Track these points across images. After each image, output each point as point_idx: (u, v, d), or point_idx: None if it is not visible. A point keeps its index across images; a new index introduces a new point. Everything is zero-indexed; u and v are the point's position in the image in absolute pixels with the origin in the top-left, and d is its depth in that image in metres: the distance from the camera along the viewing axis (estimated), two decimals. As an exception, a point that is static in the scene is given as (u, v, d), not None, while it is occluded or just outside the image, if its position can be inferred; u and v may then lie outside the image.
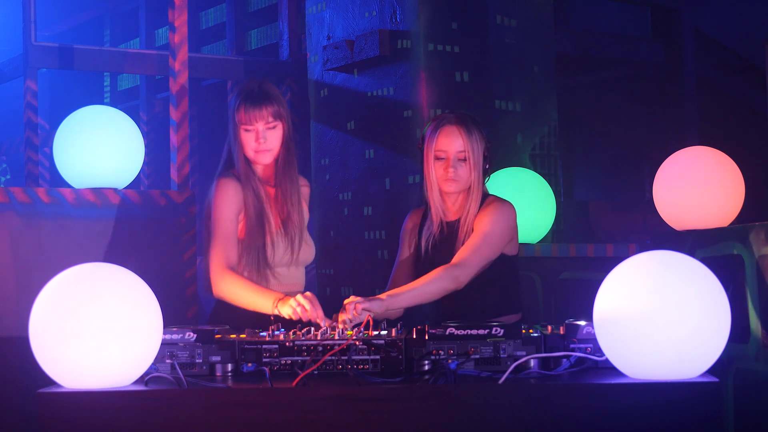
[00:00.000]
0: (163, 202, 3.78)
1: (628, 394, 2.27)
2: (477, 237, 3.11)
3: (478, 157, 3.14)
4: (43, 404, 2.26)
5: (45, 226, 3.52)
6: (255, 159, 3.12)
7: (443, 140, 3.13)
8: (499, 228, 3.13)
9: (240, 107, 3.08)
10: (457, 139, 3.12)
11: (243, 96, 3.09)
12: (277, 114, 3.09)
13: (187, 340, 2.51)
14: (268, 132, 3.09)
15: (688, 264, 2.32)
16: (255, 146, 3.09)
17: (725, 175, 3.37)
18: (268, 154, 3.11)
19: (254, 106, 3.07)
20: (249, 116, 3.07)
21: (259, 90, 3.10)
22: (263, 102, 3.07)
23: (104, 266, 2.36)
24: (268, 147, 3.10)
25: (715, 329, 2.28)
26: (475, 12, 4.78)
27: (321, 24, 5.20)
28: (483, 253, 3.09)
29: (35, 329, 2.29)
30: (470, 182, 3.16)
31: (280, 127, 3.11)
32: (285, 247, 3.15)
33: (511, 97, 4.84)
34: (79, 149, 3.62)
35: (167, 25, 4.92)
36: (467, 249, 3.08)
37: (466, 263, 3.05)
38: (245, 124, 3.08)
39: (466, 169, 3.14)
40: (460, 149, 3.13)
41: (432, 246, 3.22)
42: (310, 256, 3.24)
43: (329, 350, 2.50)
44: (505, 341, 2.51)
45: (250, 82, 3.15)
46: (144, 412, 2.26)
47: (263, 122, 3.08)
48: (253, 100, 3.07)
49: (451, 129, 3.14)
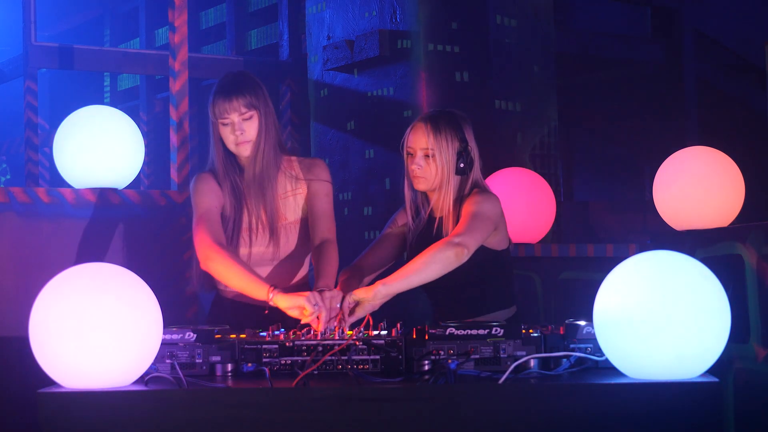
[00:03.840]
0: (163, 202, 3.78)
1: (628, 394, 2.27)
2: (465, 217, 3.06)
3: (447, 154, 3.12)
4: (43, 404, 2.26)
5: (45, 226, 3.52)
6: (236, 152, 3.09)
7: (411, 137, 3.14)
8: (484, 209, 3.09)
9: (215, 101, 3.06)
10: (422, 137, 3.11)
11: (217, 90, 3.07)
12: (249, 104, 3.05)
13: (187, 340, 2.51)
14: (244, 123, 3.05)
15: (688, 264, 2.32)
16: (233, 138, 3.07)
17: (725, 175, 3.37)
18: (248, 145, 3.07)
19: (226, 99, 3.04)
20: (222, 109, 3.05)
21: (231, 82, 3.08)
22: (234, 93, 3.04)
23: (104, 266, 2.36)
24: (247, 138, 3.06)
25: (715, 329, 2.27)
26: (475, 12, 4.78)
27: (321, 24, 5.20)
28: (476, 227, 3.03)
29: (35, 329, 2.29)
30: (440, 180, 3.13)
31: (256, 116, 3.08)
32: (266, 241, 3.12)
33: (511, 97, 4.84)
34: (79, 149, 3.62)
35: (167, 25, 4.92)
36: (460, 226, 3.03)
37: (464, 234, 2.99)
38: (221, 118, 3.06)
39: (432, 166, 3.12)
40: (424, 146, 3.12)
41: (416, 240, 3.21)
42: (288, 249, 3.14)
43: (329, 350, 2.50)
44: (505, 341, 2.51)
45: (225, 75, 3.13)
46: (144, 412, 2.26)
47: (237, 114, 3.04)
48: (224, 93, 3.05)
49: (420, 126, 3.13)
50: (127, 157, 3.69)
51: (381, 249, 3.27)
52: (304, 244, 3.17)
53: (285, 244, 3.13)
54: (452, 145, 3.12)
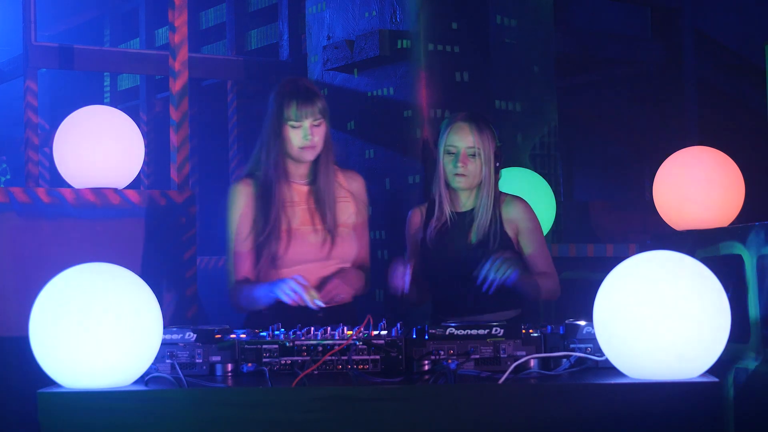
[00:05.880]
0: (163, 202, 3.78)
1: (628, 394, 2.27)
2: (541, 246, 3.30)
3: (489, 153, 3.24)
4: (43, 404, 2.26)
5: (45, 226, 3.52)
6: (299, 156, 3.15)
7: (455, 137, 3.25)
8: (538, 223, 3.36)
9: (290, 104, 3.11)
10: (468, 136, 3.23)
11: (291, 93, 3.13)
12: (323, 111, 3.14)
13: (187, 340, 2.51)
14: (314, 129, 3.12)
15: (688, 264, 2.32)
16: (302, 143, 3.12)
17: (725, 175, 3.38)
18: (312, 151, 3.15)
19: (305, 103, 3.11)
20: (299, 113, 3.10)
21: (305, 87, 3.15)
22: (312, 99, 3.12)
23: (104, 266, 2.36)
24: (313, 144, 3.13)
25: (715, 329, 2.27)
26: (475, 12, 4.77)
27: (321, 24, 5.20)
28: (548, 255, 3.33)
29: (35, 329, 2.29)
30: (481, 178, 3.25)
31: (324, 124, 3.15)
32: (315, 243, 3.16)
33: (511, 97, 4.84)
34: (79, 149, 3.62)
35: (167, 25, 4.92)
36: (544, 260, 3.28)
37: (551, 272, 3.28)
38: (294, 120, 3.11)
39: (476, 164, 3.23)
40: (469, 145, 3.23)
41: (439, 235, 3.28)
42: (345, 252, 3.21)
43: (329, 350, 2.50)
44: (505, 341, 2.51)
45: (293, 79, 3.20)
46: (144, 412, 2.26)
47: (311, 119, 3.11)
48: (301, 97, 3.11)
49: (464, 126, 3.25)
50: (127, 157, 3.69)
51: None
52: (353, 248, 3.23)
53: (334, 246, 3.18)
54: (492, 144, 3.26)
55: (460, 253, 3.24)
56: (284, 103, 3.11)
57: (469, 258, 3.20)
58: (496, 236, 3.24)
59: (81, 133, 3.62)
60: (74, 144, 3.62)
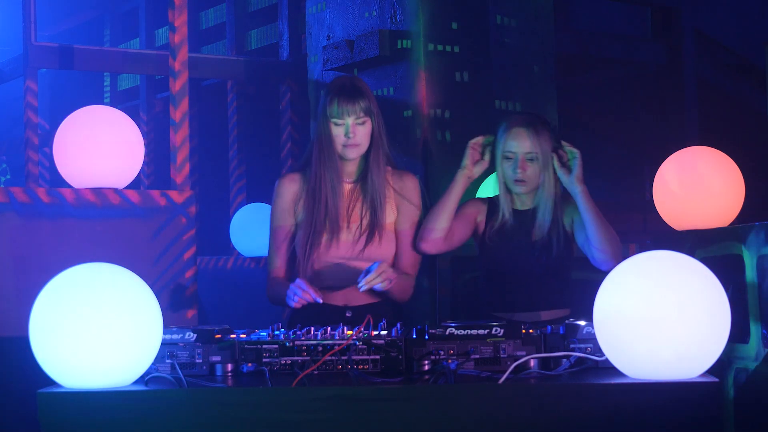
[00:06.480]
0: (163, 202, 3.78)
1: (628, 394, 2.27)
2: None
3: (547, 156, 3.24)
4: (43, 404, 2.26)
5: (45, 226, 3.52)
6: (342, 153, 3.17)
7: (513, 143, 3.24)
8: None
9: (333, 101, 3.13)
10: (526, 141, 3.23)
11: (336, 90, 3.15)
12: (367, 110, 3.15)
13: (187, 340, 2.51)
14: (357, 127, 3.14)
15: (688, 264, 2.32)
16: (344, 140, 3.14)
17: (725, 175, 3.37)
18: (356, 149, 3.17)
19: (347, 101, 3.13)
20: (341, 110, 3.12)
21: (351, 85, 3.17)
22: (355, 97, 3.14)
23: (104, 266, 2.36)
24: (357, 142, 3.15)
25: (715, 329, 2.27)
26: (475, 12, 4.77)
27: (321, 24, 5.20)
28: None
29: (35, 329, 2.29)
30: (540, 181, 3.25)
31: (369, 123, 3.16)
32: (347, 242, 3.18)
33: (511, 97, 4.84)
34: (79, 149, 3.62)
35: (167, 25, 4.92)
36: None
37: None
38: (336, 118, 3.13)
39: (534, 168, 3.23)
40: (527, 150, 3.23)
41: (499, 234, 3.29)
42: (380, 254, 3.20)
43: (329, 350, 2.50)
44: (505, 341, 2.52)
45: (343, 77, 3.25)
46: (144, 412, 2.26)
47: (354, 117, 3.13)
48: (346, 94, 3.14)
49: (521, 132, 3.24)
50: (127, 157, 3.69)
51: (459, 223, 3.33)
52: (390, 251, 3.24)
53: (367, 246, 3.19)
54: (549, 145, 3.25)
55: (519, 251, 3.26)
56: (328, 101, 3.14)
57: (528, 257, 3.24)
58: (559, 239, 3.26)
59: (81, 133, 3.62)
60: (74, 144, 3.62)
